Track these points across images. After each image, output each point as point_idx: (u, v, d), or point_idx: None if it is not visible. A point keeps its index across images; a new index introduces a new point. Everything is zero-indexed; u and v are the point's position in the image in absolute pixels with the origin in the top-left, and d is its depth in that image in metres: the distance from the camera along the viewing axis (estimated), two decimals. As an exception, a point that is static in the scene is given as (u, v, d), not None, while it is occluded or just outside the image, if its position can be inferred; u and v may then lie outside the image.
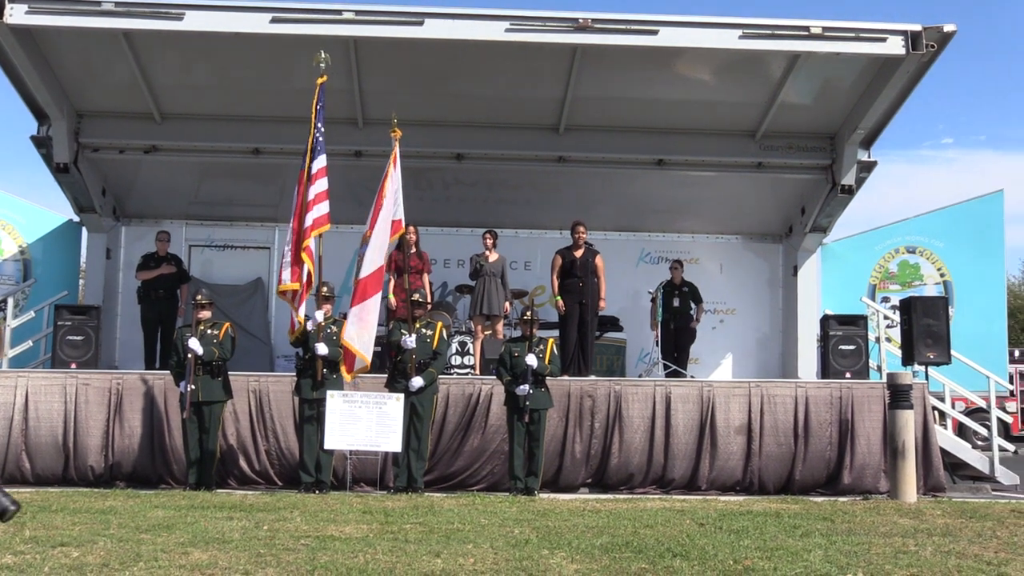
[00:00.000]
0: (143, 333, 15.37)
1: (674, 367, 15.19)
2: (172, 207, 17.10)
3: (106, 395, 12.76)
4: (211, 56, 14.35)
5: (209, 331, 12.04)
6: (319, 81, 12.19)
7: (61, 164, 14.90)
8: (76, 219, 16.72)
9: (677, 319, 15.82)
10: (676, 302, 15.88)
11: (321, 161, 12.05)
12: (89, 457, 12.58)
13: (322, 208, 11.96)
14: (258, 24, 12.96)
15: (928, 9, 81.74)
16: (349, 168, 15.02)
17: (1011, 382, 23.30)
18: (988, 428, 14.80)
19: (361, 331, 11.86)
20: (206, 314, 12.16)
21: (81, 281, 18.05)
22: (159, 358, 14.97)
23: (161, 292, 15.34)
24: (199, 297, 12.34)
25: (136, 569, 6.70)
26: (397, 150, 12.36)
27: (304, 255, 11.81)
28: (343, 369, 11.98)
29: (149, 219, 17.14)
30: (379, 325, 12.45)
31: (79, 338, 14.08)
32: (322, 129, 12.14)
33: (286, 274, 11.95)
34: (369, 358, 11.95)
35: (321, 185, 12.00)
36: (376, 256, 12.04)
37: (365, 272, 11.98)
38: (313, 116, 12.12)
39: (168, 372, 12.49)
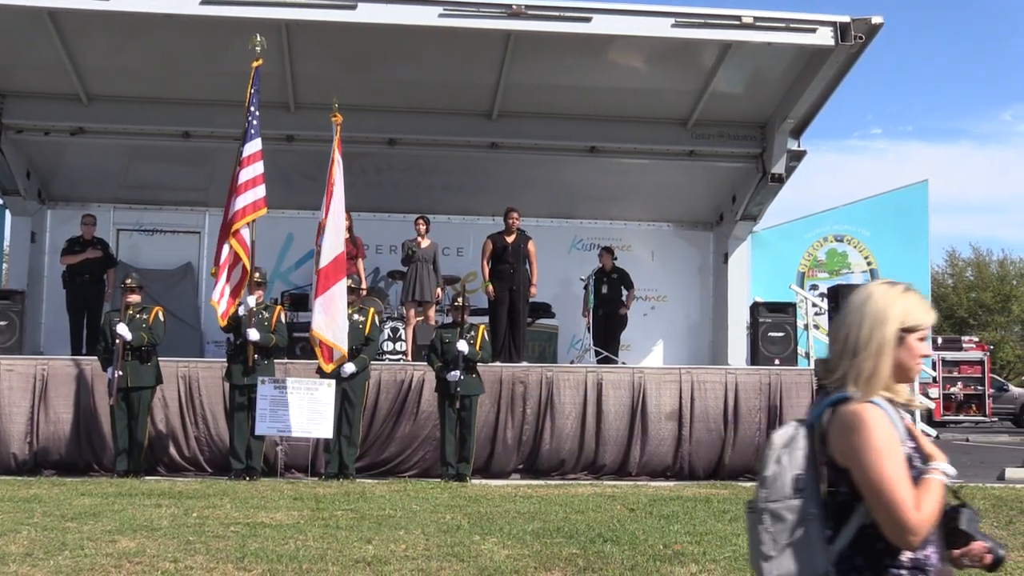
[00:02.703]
0: (69, 318, 15.09)
1: (605, 353, 15.27)
2: (100, 190, 16.79)
3: (30, 381, 12.51)
4: (140, 37, 14.07)
5: (138, 316, 11.87)
6: (254, 64, 11.99)
7: (-17, 145, 14.58)
8: (-1, 202, 16.38)
9: (606, 305, 15.89)
10: (605, 289, 15.94)
11: (255, 145, 11.88)
12: (12, 444, 12.33)
13: (257, 192, 11.78)
14: (188, 6, 12.74)
15: (857, 1, 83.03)
16: (280, 152, 14.85)
17: (934, 368, 23.82)
18: (912, 414, 15.07)
19: (330, 320, 11.69)
20: (135, 298, 11.99)
21: (4, 265, 17.72)
22: (85, 344, 14.72)
23: (87, 277, 15.06)
24: (128, 281, 12.15)
25: (61, 558, 6.60)
26: (338, 136, 12.22)
27: (234, 240, 11.62)
28: (321, 360, 11.79)
29: (75, 202, 16.81)
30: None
31: (2, 323, 13.78)
32: (256, 113, 11.97)
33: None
34: (344, 347, 11.76)
35: (256, 169, 11.83)
36: (335, 243, 11.90)
37: (325, 260, 11.84)
38: (248, 99, 11.95)
39: (95, 358, 12.30)
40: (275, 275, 16.11)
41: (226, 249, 11.65)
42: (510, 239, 14.33)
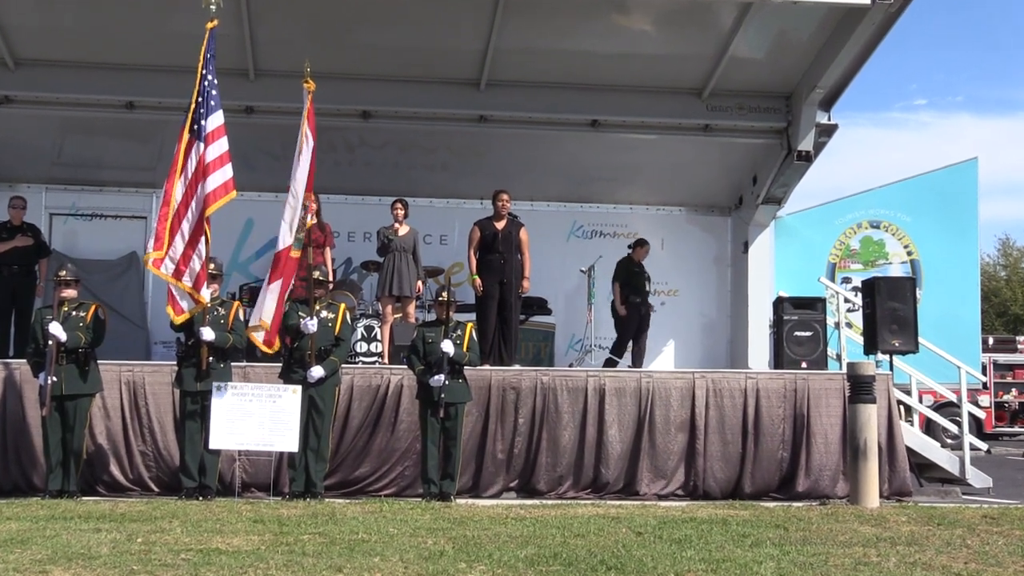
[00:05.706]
0: (-6, 316, 15.06)
1: (611, 356, 15.32)
2: (30, 169, 16.77)
3: (-49, 388, 12.51)
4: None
5: (74, 313, 11.82)
6: (209, 26, 11.89)
7: None
8: (-85, 182, 16.33)
9: (646, 303, 15.94)
10: (648, 286, 15.98)
11: (218, 118, 11.78)
12: (-71, 461, 12.34)
13: (225, 173, 11.67)
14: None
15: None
16: (239, 126, 14.68)
17: (984, 373, 23.81)
18: (959, 425, 15.10)
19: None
20: (71, 293, 11.93)
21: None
22: (13, 345, 14.68)
23: (15, 268, 14.96)
24: (62, 273, 12.07)
25: (-15, 590, 6.59)
26: (310, 105, 12.17)
27: (207, 227, 11.56)
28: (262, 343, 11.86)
29: (2, 183, 16.77)
30: None
31: (-82, 322, 13.77)
32: (215, 82, 11.89)
33: (150, 242, 11.61)
34: (275, 342, 11.81)
35: (221, 146, 11.74)
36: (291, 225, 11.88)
37: (283, 244, 11.82)
38: (201, 65, 11.85)
39: (24, 361, 12.26)
40: (232, 266, 16.09)
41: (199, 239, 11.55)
42: (500, 225, 14.33)
